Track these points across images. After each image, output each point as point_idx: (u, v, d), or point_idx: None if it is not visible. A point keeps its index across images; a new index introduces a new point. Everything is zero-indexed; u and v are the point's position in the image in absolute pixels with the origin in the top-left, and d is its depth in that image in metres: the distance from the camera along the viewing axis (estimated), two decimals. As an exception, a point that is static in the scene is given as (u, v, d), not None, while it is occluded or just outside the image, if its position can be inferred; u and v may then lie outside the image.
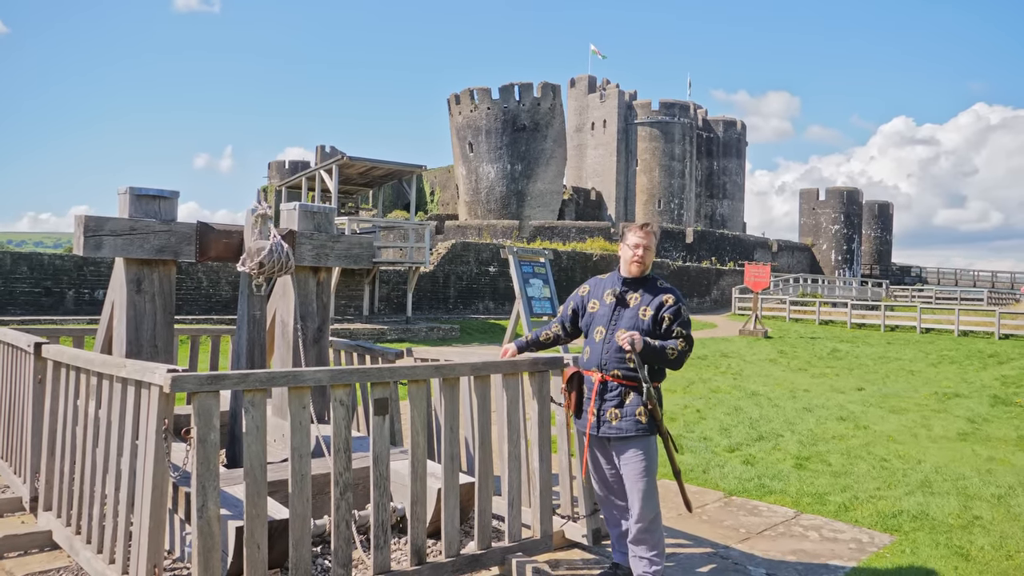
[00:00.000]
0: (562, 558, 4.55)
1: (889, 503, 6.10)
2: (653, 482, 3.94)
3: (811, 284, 48.28)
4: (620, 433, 3.90)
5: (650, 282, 4.08)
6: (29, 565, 4.19)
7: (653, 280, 4.09)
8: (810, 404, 11.49)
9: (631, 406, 3.90)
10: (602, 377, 3.96)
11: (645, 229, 4.09)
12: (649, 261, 4.07)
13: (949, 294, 51.21)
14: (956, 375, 16.13)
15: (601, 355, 3.98)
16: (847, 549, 5.00)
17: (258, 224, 5.04)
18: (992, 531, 5.41)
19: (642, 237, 4.06)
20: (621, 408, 3.91)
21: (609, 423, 3.92)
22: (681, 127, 68.26)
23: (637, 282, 4.07)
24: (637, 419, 3.88)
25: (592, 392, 3.97)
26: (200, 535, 3.17)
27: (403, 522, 4.48)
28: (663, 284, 4.08)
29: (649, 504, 3.90)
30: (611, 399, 3.93)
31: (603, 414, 3.94)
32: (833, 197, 63.07)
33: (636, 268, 4.05)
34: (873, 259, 66.47)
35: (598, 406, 3.95)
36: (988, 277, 66.78)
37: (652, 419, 3.89)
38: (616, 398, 3.92)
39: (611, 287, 4.11)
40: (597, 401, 3.95)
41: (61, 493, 4.41)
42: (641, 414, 3.88)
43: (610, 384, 3.95)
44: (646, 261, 4.05)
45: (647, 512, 3.90)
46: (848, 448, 8.29)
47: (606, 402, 3.94)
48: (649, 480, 3.91)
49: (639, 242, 4.05)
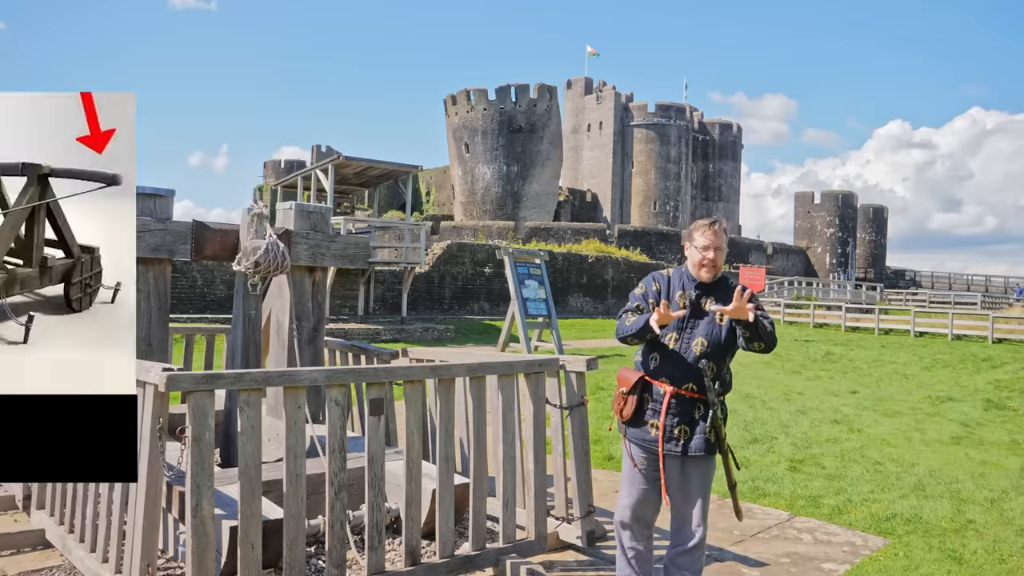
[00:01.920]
0: (556, 559, 4.56)
1: (883, 506, 6.11)
2: (708, 501, 3.69)
3: (806, 287, 48.42)
4: (690, 451, 3.54)
5: (723, 283, 3.65)
6: (22, 564, 4.18)
7: (725, 281, 3.67)
8: (804, 407, 11.50)
9: (701, 423, 3.55)
10: (674, 391, 3.54)
11: (715, 228, 3.61)
12: (721, 263, 3.60)
13: (943, 298, 51.41)
14: (950, 379, 16.17)
15: (673, 366, 3.57)
16: (841, 552, 5.01)
17: (254, 223, 5.03)
18: (985, 535, 5.42)
19: (712, 238, 3.58)
20: (692, 426, 3.55)
21: (677, 440, 3.54)
22: (677, 129, 68.41)
23: (710, 286, 3.63)
24: (706, 437, 3.54)
25: (663, 406, 3.56)
26: (194, 534, 3.17)
27: (397, 522, 4.48)
28: (735, 283, 3.60)
29: (705, 524, 3.65)
30: (682, 415, 3.55)
31: (671, 431, 3.54)
32: (828, 200, 63.34)
33: (707, 273, 3.59)
34: (867, 262, 66.74)
35: (667, 422, 3.55)
36: (982, 281, 67.04)
37: (718, 437, 3.56)
38: (687, 415, 3.55)
39: (681, 288, 3.64)
40: (667, 417, 3.54)
41: (54, 491, 4.40)
42: (710, 432, 3.55)
43: (682, 398, 3.55)
44: (718, 264, 3.59)
45: (703, 531, 3.63)
46: (842, 451, 8.31)
47: (675, 418, 3.55)
48: (707, 500, 3.66)
49: (708, 243, 3.57)
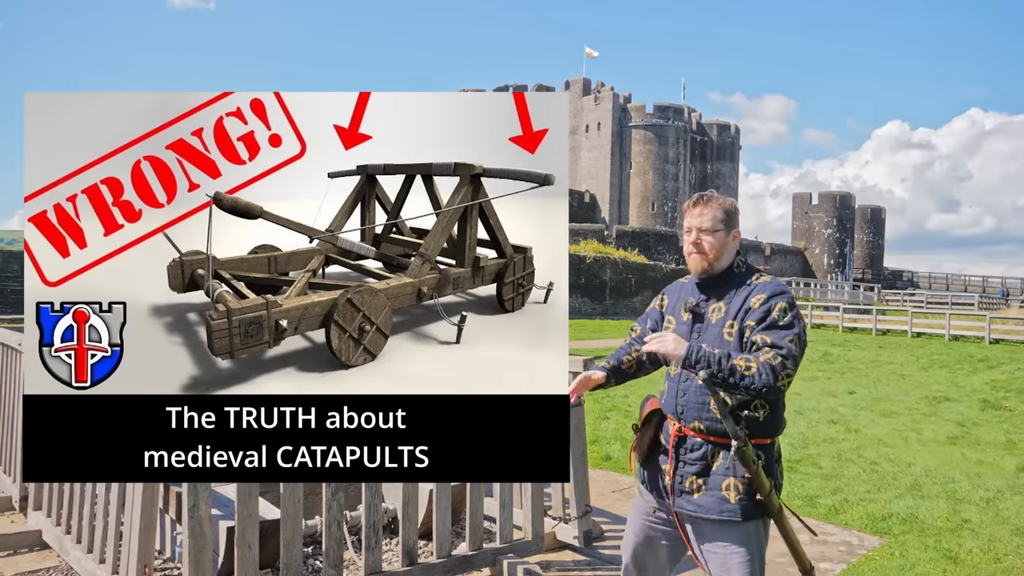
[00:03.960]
0: (553, 559, 4.56)
1: (879, 506, 6.12)
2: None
3: (803, 288, 48.50)
4: (700, 512, 2.62)
5: (738, 280, 2.70)
6: (19, 564, 4.18)
7: (744, 276, 2.71)
8: (801, 407, 11.52)
9: (718, 475, 2.61)
10: (680, 429, 2.69)
11: (702, 203, 2.69)
12: (720, 250, 2.66)
13: (940, 299, 51.48)
14: (946, 379, 16.20)
15: (677, 398, 2.71)
16: (837, 551, 5.02)
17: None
18: (981, 534, 5.43)
19: (696, 216, 2.68)
20: (706, 477, 2.63)
21: (688, 495, 2.65)
22: (675, 130, 68.55)
23: (717, 284, 2.71)
24: (724, 495, 2.59)
25: (669, 447, 2.73)
26: (191, 535, 3.17)
27: (394, 523, 4.48)
28: (760, 279, 2.68)
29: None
30: (692, 462, 2.66)
31: (680, 481, 2.68)
32: (826, 201, 63.46)
33: (696, 263, 2.69)
34: (865, 263, 66.86)
35: (675, 468, 2.70)
36: (979, 282, 67.12)
37: (750, 496, 2.57)
38: (699, 461, 2.64)
39: (687, 295, 2.80)
40: (674, 461, 2.70)
41: (51, 492, 4.40)
42: (731, 488, 2.58)
43: (690, 440, 2.67)
44: (708, 250, 2.66)
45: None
46: (839, 451, 8.32)
47: (685, 465, 2.67)
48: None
49: (691, 224, 2.69)
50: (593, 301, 37.69)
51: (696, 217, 2.67)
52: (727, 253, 2.69)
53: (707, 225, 2.65)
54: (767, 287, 2.63)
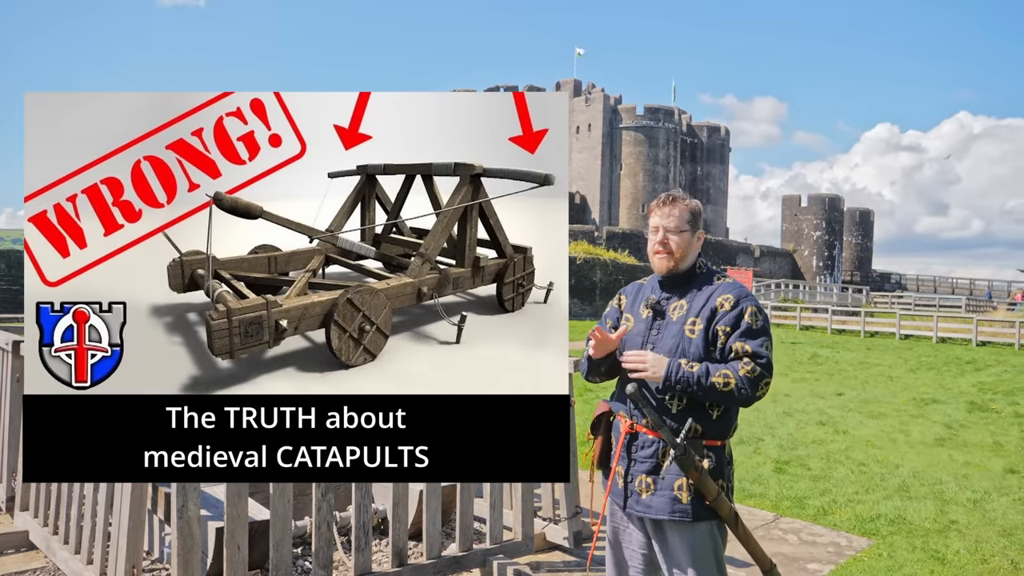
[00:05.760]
0: (543, 560, 4.58)
1: (867, 507, 6.18)
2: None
3: (792, 289, 48.71)
4: (651, 513, 2.63)
5: (700, 280, 2.76)
6: (5, 566, 4.16)
7: (706, 276, 2.77)
8: (790, 408, 11.59)
9: (671, 475, 2.61)
10: (631, 426, 2.69)
11: (670, 203, 2.74)
12: (685, 250, 2.72)
13: (928, 301, 51.75)
14: (934, 381, 16.32)
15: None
16: (825, 552, 5.06)
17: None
18: (968, 535, 5.49)
19: (663, 216, 2.72)
20: (655, 476, 2.64)
21: (638, 495, 2.65)
22: (666, 132, 68.73)
23: (679, 283, 2.76)
24: (675, 495, 2.59)
25: (618, 446, 2.73)
26: (180, 536, 3.16)
27: (384, 524, 4.49)
28: (722, 280, 2.77)
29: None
30: (643, 460, 2.66)
31: (632, 481, 2.68)
32: (815, 204, 63.72)
33: (662, 262, 2.73)
34: (854, 266, 67.17)
35: (625, 467, 2.70)
36: (967, 285, 67.58)
37: (703, 497, 2.58)
38: (649, 459, 2.65)
39: (648, 294, 2.83)
40: (623, 460, 2.71)
41: (38, 493, 4.38)
42: (683, 488, 2.58)
43: (641, 437, 2.67)
44: (675, 250, 2.70)
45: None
46: (827, 452, 8.38)
47: (636, 463, 2.68)
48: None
49: (658, 223, 2.73)
50: (583, 302, 37.73)
51: (664, 217, 2.73)
52: (692, 253, 2.76)
53: (674, 225, 2.71)
54: (731, 288, 2.71)
